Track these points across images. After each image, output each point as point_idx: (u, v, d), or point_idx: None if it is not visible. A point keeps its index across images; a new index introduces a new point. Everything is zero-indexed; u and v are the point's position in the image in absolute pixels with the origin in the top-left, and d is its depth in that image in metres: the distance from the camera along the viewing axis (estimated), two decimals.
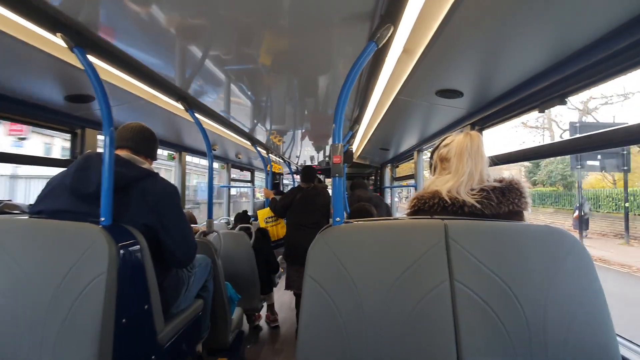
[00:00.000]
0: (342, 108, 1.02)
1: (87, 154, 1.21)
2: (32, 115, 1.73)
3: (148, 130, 1.39)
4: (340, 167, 1.00)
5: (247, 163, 5.31)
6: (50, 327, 0.97)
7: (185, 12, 1.04)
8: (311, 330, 0.84)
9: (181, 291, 1.39)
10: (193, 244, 1.35)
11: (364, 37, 1.14)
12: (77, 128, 1.99)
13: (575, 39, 0.98)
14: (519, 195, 0.95)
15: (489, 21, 0.92)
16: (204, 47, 1.31)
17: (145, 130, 1.38)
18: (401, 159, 4.21)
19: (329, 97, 1.99)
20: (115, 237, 1.01)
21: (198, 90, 1.82)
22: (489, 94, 1.53)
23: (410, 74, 1.37)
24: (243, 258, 2.60)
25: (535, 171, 15.02)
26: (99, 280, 0.97)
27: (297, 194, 2.84)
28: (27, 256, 1.04)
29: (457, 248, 0.82)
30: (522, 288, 0.79)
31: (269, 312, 3.12)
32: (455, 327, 0.78)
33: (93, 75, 1.11)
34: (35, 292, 1.00)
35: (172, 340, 1.29)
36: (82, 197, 1.13)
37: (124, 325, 1.02)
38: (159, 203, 1.21)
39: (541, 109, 1.38)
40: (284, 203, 2.86)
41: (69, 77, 1.42)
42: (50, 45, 1.17)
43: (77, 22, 1.06)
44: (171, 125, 2.43)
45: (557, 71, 1.14)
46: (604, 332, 0.77)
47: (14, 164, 7.52)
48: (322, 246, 0.87)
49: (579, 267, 0.80)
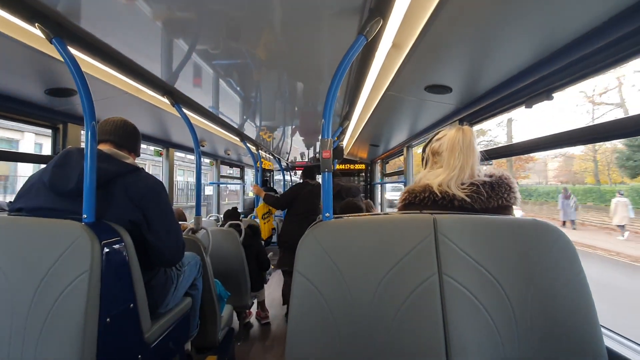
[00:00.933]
0: (332, 102, 1.01)
1: (66, 149, 1.17)
2: (11, 109, 1.66)
3: (130, 124, 1.35)
4: (329, 162, 0.99)
5: (236, 160, 5.26)
6: (32, 328, 0.94)
7: (172, 3, 1.01)
8: (301, 326, 0.83)
9: (170, 290, 1.37)
10: (181, 242, 1.31)
11: (353, 31, 1.13)
12: (58, 123, 1.93)
13: (561, 34, 0.99)
14: (508, 190, 0.96)
15: (477, 17, 0.93)
16: (190, 41, 1.28)
17: (128, 124, 1.34)
18: (391, 155, 4.23)
19: (319, 92, 1.98)
20: (98, 235, 0.98)
21: (185, 85, 1.78)
22: (478, 89, 1.54)
23: (400, 69, 1.37)
24: (233, 255, 2.57)
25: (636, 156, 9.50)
26: (81, 278, 0.94)
27: (304, 189, 3.09)
28: (5, 255, 1.01)
29: (445, 242, 0.82)
30: (509, 281, 0.80)
31: (260, 309, 3.11)
32: (444, 320, 0.78)
33: (74, 68, 1.07)
34: (15, 292, 0.97)
35: (160, 339, 1.27)
36: (62, 194, 1.10)
37: (108, 324, 0.99)
38: (143, 199, 1.17)
39: (528, 104, 1.40)
40: (291, 196, 3.10)
41: (49, 70, 1.37)
42: (28, 36, 1.12)
43: (56, 11, 1.02)
44: (157, 120, 2.38)
45: (543, 67, 1.15)
46: (589, 323, 0.79)
47: None
48: (312, 242, 0.87)
49: (564, 259, 0.81)
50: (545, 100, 1.29)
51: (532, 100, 1.36)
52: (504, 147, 1.60)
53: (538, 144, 1.37)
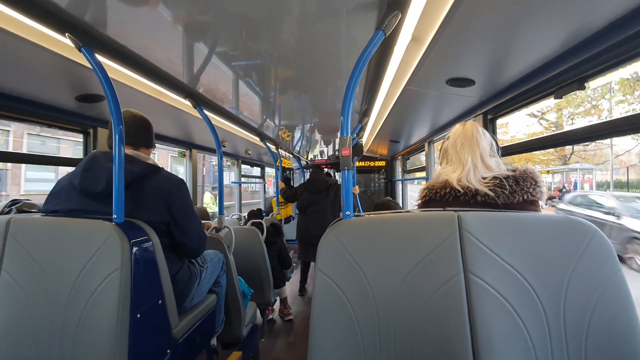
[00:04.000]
0: (350, 99, 1.00)
1: (92, 153, 1.23)
2: (46, 116, 1.76)
3: (139, 119, 1.35)
4: (349, 159, 0.98)
5: (256, 159, 5.33)
6: (69, 323, 1.00)
7: (192, 9, 1.03)
8: (323, 323, 0.83)
9: (193, 285, 1.41)
10: (203, 234, 1.40)
11: (371, 26, 1.11)
12: (89, 128, 2.02)
13: (593, 20, 0.93)
14: (534, 184, 0.92)
15: (501, 4, 0.88)
16: (210, 44, 1.31)
17: (137, 120, 1.34)
18: (412, 151, 4.16)
19: (338, 89, 1.97)
20: (127, 234, 1.03)
21: (206, 87, 1.82)
22: (502, 81, 1.48)
23: (420, 63, 1.34)
24: (255, 253, 2.62)
25: None
26: (113, 276, 0.99)
27: (307, 186, 3.66)
28: (44, 254, 1.07)
29: (470, 240, 0.80)
30: (539, 280, 0.76)
31: (282, 306, 3.15)
32: (470, 320, 0.76)
33: (101, 74, 1.12)
34: (54, 289, 1.03)
35: (187, 334, 1.31)
36: (92, 196, 1.16)
37: (139, 320, 1.03)
38: (168, 197, 1.23)
39: (557, 95, 1.33)
40: (294, 191, 3.76)
41: (79, 77, 1.44)
42: (59, 46, 1.18)
43: (84, 21, 1.07)
44: (180, 122, 2.45)
45: (574, 55, 1.09)
46: (628, 326, 0.74)
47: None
48: (333, 240, 0.86)
49: (600, 258, 0.77)
50: (577, 90, 1.22)
51: (562, 91, 1.29)
52: (520, 143, 1.54)
53: (557, 139, 1.32)
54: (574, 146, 11.38)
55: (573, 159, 12.58)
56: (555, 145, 1.35)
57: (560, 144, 1.38)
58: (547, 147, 1.48)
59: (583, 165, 11.47)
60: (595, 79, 1.17)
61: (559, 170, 12.32)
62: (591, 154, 12.40)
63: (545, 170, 11.99)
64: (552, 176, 12.28)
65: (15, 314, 1.04)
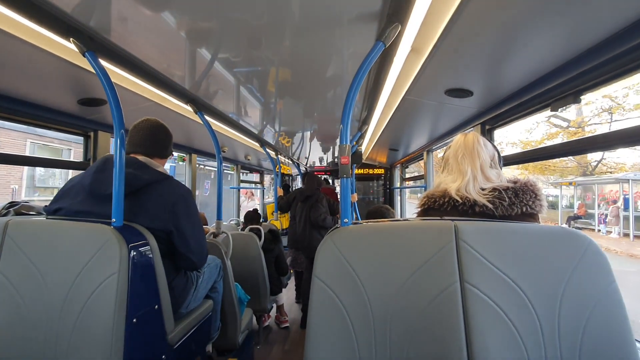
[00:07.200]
0: (350, 108, 1.01)
1: (105, 157, 1.24)
2: (47, 119, 1.77)
3: (157, 129, 1.37)
4: (348, 167, 0.99)
5: (256, 164, 5.34)
6: (65, 326, 0.99)
7: (195, 16, 1.05)
8: (319, 331, 0.83)
9: (190, 291, 1.41)
10: (205, 247, 1.39)
11: (371, 37, 1.13)
12: (90, 131, 2.03)
13: (589, 34, 0.95)
14: (533, 197, 0.92)
15: (499, 17, 0.90)
16: (213, 50, 1.32)
17: (155, 130, 1.36)
18: (411, 159, 4.18)
19: (338, 97, 1.99)
20: (126, 238, 1.03)
21: (207, 93, 1.84)
22: (499, 92, 1.50)
23: (419, 73, 1.36)
24: (253, 259, 2.61)
25: None
26: (110, 280, 0.98)
27: (297, 195, 3.52)
28: (42, 256, 1.07)
29: (467, 249, 0.80)
30: (535, 291, 0.77)
31: (279, 313, 3.13)
32: (465, 330, 0.76)
33: (104, 79, 1.13)
34: (50, 291, 1.03)
35: (182, 340, 1.30)
36: (100, 198, 1.16)
37: (135, 324, 1.03)
38: (175, 206, 1.23)
39: (553, 107, 1.35)
40: (284, 200, 3.65)
41: (82, 82, 1.46)
42: (64, 51, 1.20)
43: (89, 27, 1.08)
44: (181, 127, 2.46)
45: (570, 68, 1.11)
46: (622, 337, 0.75)
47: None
48: (330, 247, 0.87)
49: (595, 269, 0.78)
50: (573, 103, 1.24)
51: (558, 103, 1.31)
52: (521, 153, 1.56)
53: (557, 150, 1.33)
54: (604, 152, 9.19)
55: (600, 168, 10.11)
56: (562, 155, 1.36)
57: (566, 153, 1.38)
58: (553, 157, 1.49)
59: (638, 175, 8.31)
60: (590, 92, 1.19)
61: (600, 181, 9.42)
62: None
63: (567, 182, 10.39)
64: (575, 189, 10.42)
65: (10, 316, 1.04)
